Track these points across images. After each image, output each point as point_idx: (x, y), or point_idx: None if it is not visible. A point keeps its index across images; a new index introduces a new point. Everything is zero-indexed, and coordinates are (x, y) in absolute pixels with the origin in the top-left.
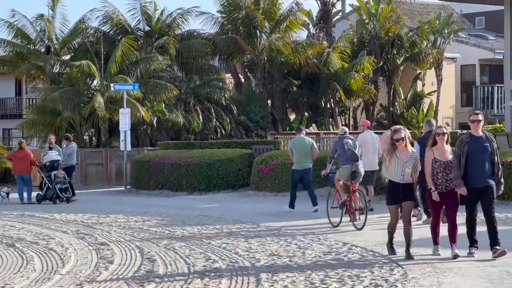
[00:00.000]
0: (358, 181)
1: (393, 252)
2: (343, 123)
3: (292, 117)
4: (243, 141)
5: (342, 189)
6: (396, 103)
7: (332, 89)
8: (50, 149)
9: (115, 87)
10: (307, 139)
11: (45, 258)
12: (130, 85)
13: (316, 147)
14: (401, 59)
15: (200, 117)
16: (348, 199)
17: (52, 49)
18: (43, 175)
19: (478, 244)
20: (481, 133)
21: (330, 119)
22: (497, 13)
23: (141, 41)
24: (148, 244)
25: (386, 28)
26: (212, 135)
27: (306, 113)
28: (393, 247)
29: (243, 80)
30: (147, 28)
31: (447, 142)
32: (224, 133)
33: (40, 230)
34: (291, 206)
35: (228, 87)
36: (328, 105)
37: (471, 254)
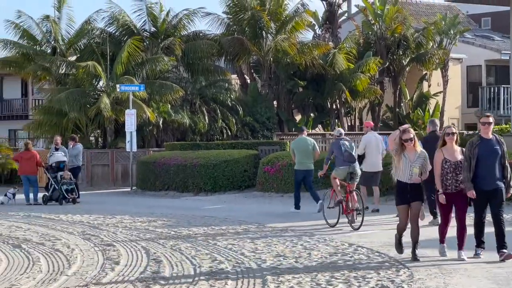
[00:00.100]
0: (355, 182)
1: (401, 250)
2: (349, 124)
3: (298, 118)
4: (249, 142)
5: (338, 187)
6: (402, 104)
7: (338, 90)
8: (56, 150)
9: (121, 88)
10: (309, 140)
11: (51, 259)
12: (136, 86)
13: (317, 148)
14: (407, 60)
15: (206, 118)
16: (345, 198)
17: (58, 50)
18: (49, 176)
19: (485, 245)
20: (491, 135)
21: (336, 120)
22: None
23: (147, 42)
24: (154, 245)
25: (392, 29)
26: (218, 136)
27: (312, 114)
28: (402, 245)
29: (249, 81)
30: (153, 29)
31: (456, 142)
32: (230, 134)
33: (46, 231)
34: (297, 207)
35: (234, 88)
36: (334, 106)
37: (477, 255)
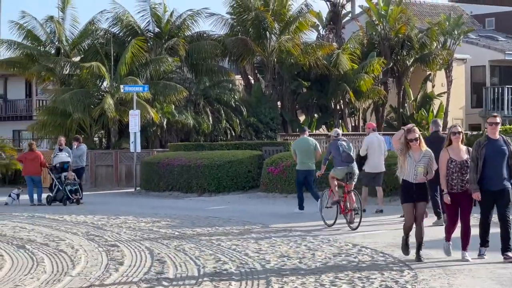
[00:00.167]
0: (353, 182)
1: (407, 251)
2: (353, 124)
3: (302, 118)
4: (253, 142)
5: (336, 187)
6: (406, 104)
7: (342, 90)
8: (60, 150)
9: (125, 88)
10: (310, 140)
11: (55, 259)
12: (140, 87)
13: (319, 148)
14: (411, 60)
15: (210, 118)
16: (343, 198)
17: (62, 51)
18: (53, 177)
19: (489, 244)
20: (498, 136)
21: (340, 120)
22: (507, 14)
23: (151, 43)
24: (158, 246)
25: (396, 29)
26: (222, 137)
27: (315, 115)
28: (408, 246)
29: (252, 82)
30: (156, 30)
31: (462, 141)
32: (234, 134)
33: (50, 231)
34: (300, 208)
35: (238, 88)
36: (338, 107)
37: (481, 255)
